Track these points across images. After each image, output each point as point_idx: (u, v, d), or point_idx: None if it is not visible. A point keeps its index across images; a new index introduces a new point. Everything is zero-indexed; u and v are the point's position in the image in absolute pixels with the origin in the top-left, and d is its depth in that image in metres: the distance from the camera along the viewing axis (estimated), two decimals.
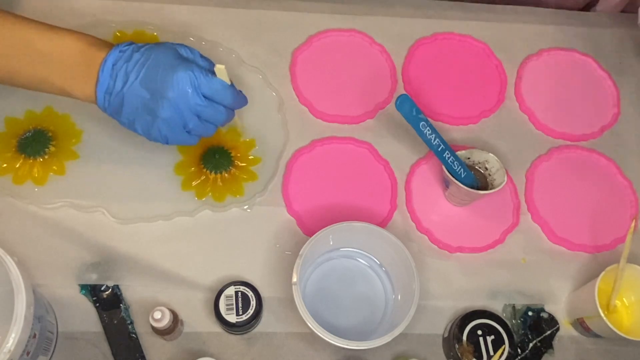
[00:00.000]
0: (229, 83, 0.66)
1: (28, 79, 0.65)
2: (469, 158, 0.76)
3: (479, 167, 0.77)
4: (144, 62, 0.63)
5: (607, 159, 0.84)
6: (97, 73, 0.64)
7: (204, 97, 0.64)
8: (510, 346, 0.68)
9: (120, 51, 0.64)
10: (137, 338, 0.67)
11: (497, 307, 0.74)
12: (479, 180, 0.76)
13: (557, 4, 0.96)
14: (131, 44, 0.66)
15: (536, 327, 0.72)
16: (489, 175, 0.76)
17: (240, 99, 0.68)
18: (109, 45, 0.65)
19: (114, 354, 0.67)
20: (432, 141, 0.71)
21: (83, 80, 0.64)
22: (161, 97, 0.62)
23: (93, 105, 0.77)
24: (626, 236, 0.72)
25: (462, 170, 0.74)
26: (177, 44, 0.66)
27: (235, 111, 0.69)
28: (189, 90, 0.63)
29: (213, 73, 0.65)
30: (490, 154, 0.75)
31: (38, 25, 0.65)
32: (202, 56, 0.67)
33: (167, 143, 0.66)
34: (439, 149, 0.72)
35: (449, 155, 0.73)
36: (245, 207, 0.75)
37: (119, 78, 0.63)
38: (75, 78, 0.64)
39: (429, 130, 0.71)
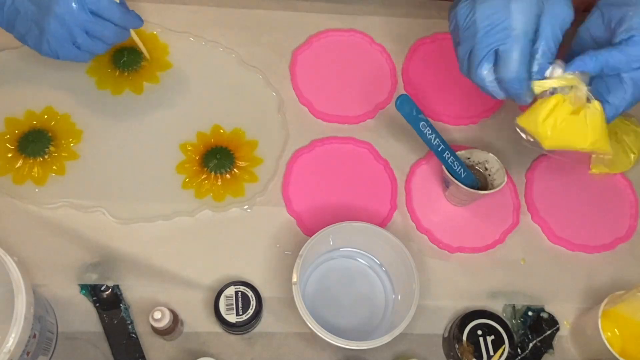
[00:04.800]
0: (117, 1, 0.67)
1: None
2: (469, 158, 0.76)
3: (479, 167, 0.76)
4: None
5: None
6: None
7: (92, 13, 0.65)
8: (510, 346, 0.68)
9: None
10: (137, 338, 0.67)
11: (497, 307, 0.74)
12: (479, 180, 0.76)
13: None
14: None
15: (536, 327, 0.72)
16: (489, 175, 0.76)
17: (131, 17, 0.70)
18: None
19: (114, 354, 0.67)
20: (432, 141, 0.71)
21: None
22: (47, 10, 0.64)
23: (93, 105, 0.77)
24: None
25: (462, 170, 0.73)
26: None
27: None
28: (74, 6, 0.64)
29: None
30: (490, 154, 0.75)
31: None
32: None
33: (58, 58, 0.68)
34: (439, 149, 0.72)
35: (449, 155, 0.73)
36: (245, 207, 0.75)
37: None
38: None
39: (429, 130, 0.71)
